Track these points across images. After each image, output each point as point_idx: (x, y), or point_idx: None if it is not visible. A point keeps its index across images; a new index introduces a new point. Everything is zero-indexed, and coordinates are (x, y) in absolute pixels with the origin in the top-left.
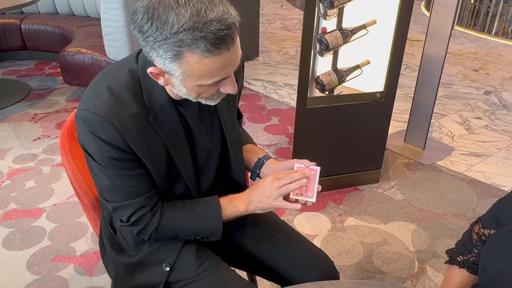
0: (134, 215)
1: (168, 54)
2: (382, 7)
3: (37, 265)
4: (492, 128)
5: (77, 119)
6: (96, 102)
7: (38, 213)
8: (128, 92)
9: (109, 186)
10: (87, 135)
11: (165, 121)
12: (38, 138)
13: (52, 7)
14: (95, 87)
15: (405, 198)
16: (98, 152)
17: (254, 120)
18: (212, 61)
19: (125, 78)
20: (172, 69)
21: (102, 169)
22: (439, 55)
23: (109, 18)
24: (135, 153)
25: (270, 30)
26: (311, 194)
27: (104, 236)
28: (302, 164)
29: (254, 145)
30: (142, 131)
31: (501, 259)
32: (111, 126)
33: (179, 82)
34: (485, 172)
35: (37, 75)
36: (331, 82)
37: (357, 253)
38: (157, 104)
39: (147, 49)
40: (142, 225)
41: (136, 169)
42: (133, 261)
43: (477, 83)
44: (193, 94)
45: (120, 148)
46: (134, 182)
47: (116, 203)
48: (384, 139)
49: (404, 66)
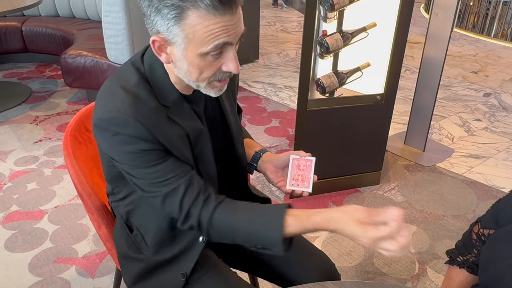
0: (185, 198)
1: (172, 13)
2: (382, 10)
3: (39, 267)
4: (491, 130)
5: (98, 126)
6: (116, 102)
7: (40, 215)
8: (143, 90)
9: (147, 180)
10: (113, 140)
11: (182, 116)
12: (39, 141)
13: (53, 10)
14: (108, 91)
15: (405, 199)
16: (129, 149)
17: (254, 122)
18: (215, 22)
19: (135, 78)
20: (174, 35)
21: (137, 167)
22: (438, 57)
23: (110, 20)
24: (163, 145)
25: (270, 33)
26: (307, 184)
27: (120, 235)
28: (298, 156)
29: (251, 139)
30: (166, 125)
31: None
32: (137, 121)
33: (180, 53)
34: (485, 173)
35: (38, 77)
36: (332, 85)
37: (358, 255)
38: (170, 101)
39: (152, 16)
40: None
41: (167, 157)
42: (150, 264)
43: (476, 85)
44: (194, 73)
45: (149, 141)
46: (173, 166)
47: (163, 190)
48: (385, 141)
49: (404, 68)
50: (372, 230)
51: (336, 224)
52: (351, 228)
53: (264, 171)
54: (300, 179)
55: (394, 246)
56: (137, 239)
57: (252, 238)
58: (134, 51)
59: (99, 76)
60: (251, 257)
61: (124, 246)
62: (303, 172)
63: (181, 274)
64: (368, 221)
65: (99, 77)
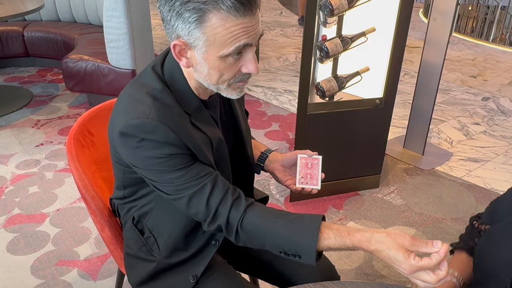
0: (212, 198)
1: (194, 16)
2: (381, 15)
3: (41, 269)
4: (490, 133)
5: (124, 135)
6: (143, 109)
7: (42, 218)
8: (168, 96)
9: (173, 185)
10: (139, 148)
11: (203, 122)
12: (41, 144)
13: (54, 15)
14: (133, 98)
15: (404, 203)
16: (156, 154)
17: (254, 126)
18: (236, 23)
19: (160, 85)
20: (195, 38)
21: (163, 172)
22: (437, 62)
23: (112, 25)
24: (190, 150)
25: (269, 37)
26: (315, 181)
27: (130, 237)
28: (305, 154)
29: (255, 140)
30: (192, 130)
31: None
32: (165, 127)
33: (201, 57)
34: (483, 177)
35: (39, 81)
36: (331, 89)
37: (358, 257)
38: (191, 109)
39: (172, 20)
40: (226, 211)
41: (193, 161)
42: (160, 266)
43: (475, 89)
44: (214, 76)
45: (176, 146)
46: (197, 169)
47: (190, 191)
48: (384, 145)
49: (403, 72)
50: (416, 259)
51: (377, 245)
52: (393, 253)
53: (271, 170)
54: (308, 177)
55: (433, 278)
56: (149, 242)
57: (285, 244)
58: (135, 56)
59: (100, 80)
60: (253, 258)
61: (135, 247)
62: (311, 170)
63: (191, 276)
64: (412, 249)
65: (100, 81)
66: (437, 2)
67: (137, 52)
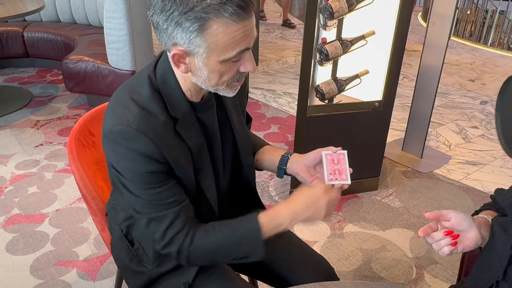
0: (169, 230)
1: (195, 26)
2: (381, 18)
3: (40, 269)
4: (488, 137)
5: (108, 137)
6: (127, 116)
7: (41, 219)
8: (154, 103)
9: (141, 200)
10: (120, 152)
11: (190, 130)
12: (40, 145)
13: (54, 16)
14: (120, 103)
15: (403, 205)
16: (131, 167)
17: (254, 128)
18: (237, 28)
19: (147, 90)
20: (196, 46)
21: (133, 184)
22: (436, 65)
23: (112, 27)
24: (168, 163)
25: (269, 40)
26: (345, 177)
27: (120, 248)
28: (329, 151)
29: (271, 146)
30: (173, 140)
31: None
32: (146, 137)
33: (202, 63)
34: (481, 180)
35: (39, 82)
36: (331, 91)
37: (356, 259)
38: (180, 113)
39: (170, 29)
40: (177, 245)
41: (167, 181)
42: (153, 276)
43: (473, 93)
44: (214, 78)
45: (155, 159)
46: (166, 194)
47: (149, 215)
48: (383, 147)
49: (402, 75)
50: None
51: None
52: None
53: (296, 172)
54: (337, 172)
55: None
56: (139, 253)
57: (233, 252)
58: (136, 57)
59: (100, 82)
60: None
61: (125, 259)
62: (338, 165)
63: (182, 283)
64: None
65: (100, 83)
66: (436, 6)
67: (137, 54)
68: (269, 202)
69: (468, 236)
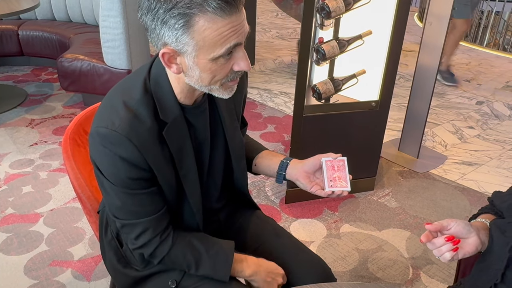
0: (142, 236)
1: (180, 22)
2: (378, 18)
3: (34, 270)
4: (484, 137)
5: (94, 137)
6: (113, 118)
7: (36, 218)
8: (143, 107)
9: (119, 204)
10: (104, 154)
11: (176, 135)
12: (35, 144)
13: (49, 14)
14: (110, 104)
15: (399, 205)
16: (113, 170)
17: (250, 128)
18: (224, 23)
19: (139, 93)
20: (184, 44)
21: (113, 187)
22: (432, 66)
23: (108, 25)
24: (151, 170)
25: (265, 39)
26: (345, 183)
27: (109, 249)
28: (329, 157)
29: (269, 151)
30: (157, 145)
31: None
32: (130, 143)
33: (192, 62)
34: (477, 180)
35: (33, 81)
36: (328, 91)
37: (353, 260)
38: (171, 118)
39: (157, 29)
40: (150, 249)
41: (147, 188)
42: (140, 275)
43: (469, 93)
44: (206, 78)
45: (137, 166)
46: (144, 201)
47: (124, 221)
48: (379, 147)
49: (398, 75)
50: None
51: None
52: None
53: (295, 178)
54: (337, 179)
55: None
56: (127, 254)
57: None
58: (131, 56)
59: (96, 80)
60: None
61: (113, 259)
62: (338, 172)
63: (170, 281)
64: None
65: (96, 81)
66: (433, 7)
67: (133, 52)
68: (265, 202)
69: (468, 242)
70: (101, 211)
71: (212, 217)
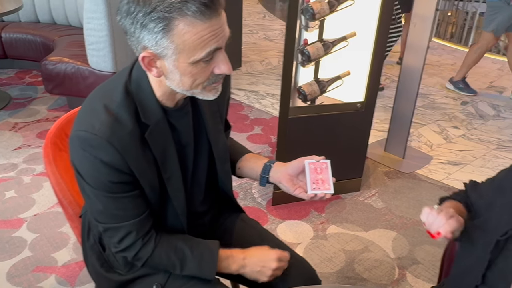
0: (125, 240)
1: (159, 26)
2: (362, 20)
3: (17, 276)
4: (469, 137)
5: (74, 141)
6: (94, 122)
7: (19, 224)
8: (124, 110)
9: (101, 208)
10: (84, 157)
11: (159, 138)
12: (18, 148)
13: (33, 16)
14: (90, 107)
15: (385, 206)
16: (94, 174)
17: (237, 130)
18: (203, 27)
19: (120, 96)
20: (164, 48)
21: (95, 191)
22: (417, 66)
23: (92, 27)
24: (133, 174)
25: (252, 41)
26: (328, 186)
27: (92, 253)
28: (312, 160)
29: (253, 153)
30: (139, 149)
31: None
32: (111, 146)
33: (172, 65)
34: (462, 180)
35: (17, 84)
36: (313, 92)
37: (339, 261)
38: (153, 120)
39: (137, 32)
40: (133, 252)
41: (129, 192)
42: (124, 280)
43: (454, 94)
44: (187, 81)
45: (118, 169)
46: (127, 204)
47: (107, 225)
48: (365, 148)
49: (384, 76)
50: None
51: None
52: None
53: (278, 181)
54: (320, 182)
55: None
56: (110, 259)
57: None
58: (116, 58)
59: (80, 83)
60: None
61: (96, 264)
62: (321, 175)
63: (155, 285)
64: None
65: (80, 84)
66: (417, 8)
67: (118, 55)
68: (252, 205)
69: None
70: (83, 215)
71: (196, 220)
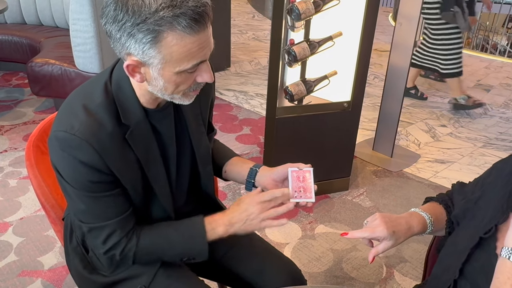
0: (109, 239)
1: (148, 37)
2: (348, 19)
3: (2, 281)
4: (456, 135)
5: (52, 141)
6: (73, 122)
7: (4, 228)
8: (104, 111)
9: (83, 208)
10: (63, 158)
11: (141, 139)
12: (4, 151)
13: (19, 17)
14: (70, 107)
15: (373, 204)
16: (74, 175)
17: (226, 130)
18: (192, 40)
19: (100, 97)
20: (150, 57)
21: (76, 192)
22: (403, 65)
23: (78, 29)
24: (113, 174)
25: (241, 41)
26: (309, 195)
27: (74, 256)
28: (296, 168)
29: (240, 157)
30: (120, 149)
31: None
32: (90, 147)
33: (157, 73)
34: (449, 178)
35: (3, 86)
36: (300, 92)
37: (327, 260)
38: (133, 121)
39: (123, 40)
40: (120, 249)
41: (111, 191)
42: (107, 282)
43: (442, 92)
44: (170, 88)
45: (98, 170)
46: (109, 203)
47: (90, 225)
48: (353, 148)
49: (373, 75)
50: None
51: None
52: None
53: (264, 185)
54: (302, 190)
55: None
56: (93, 260)
57: (179, 252)
58: (103, 59)
59: (67, 85)
60: (219, 265)
61: (79, 266)
62: (303, 183)
63: (139, 287)
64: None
65: (67, 86)
66: (403, 7)
67: (105, 56)
68: None
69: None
70: (65, 217)
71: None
